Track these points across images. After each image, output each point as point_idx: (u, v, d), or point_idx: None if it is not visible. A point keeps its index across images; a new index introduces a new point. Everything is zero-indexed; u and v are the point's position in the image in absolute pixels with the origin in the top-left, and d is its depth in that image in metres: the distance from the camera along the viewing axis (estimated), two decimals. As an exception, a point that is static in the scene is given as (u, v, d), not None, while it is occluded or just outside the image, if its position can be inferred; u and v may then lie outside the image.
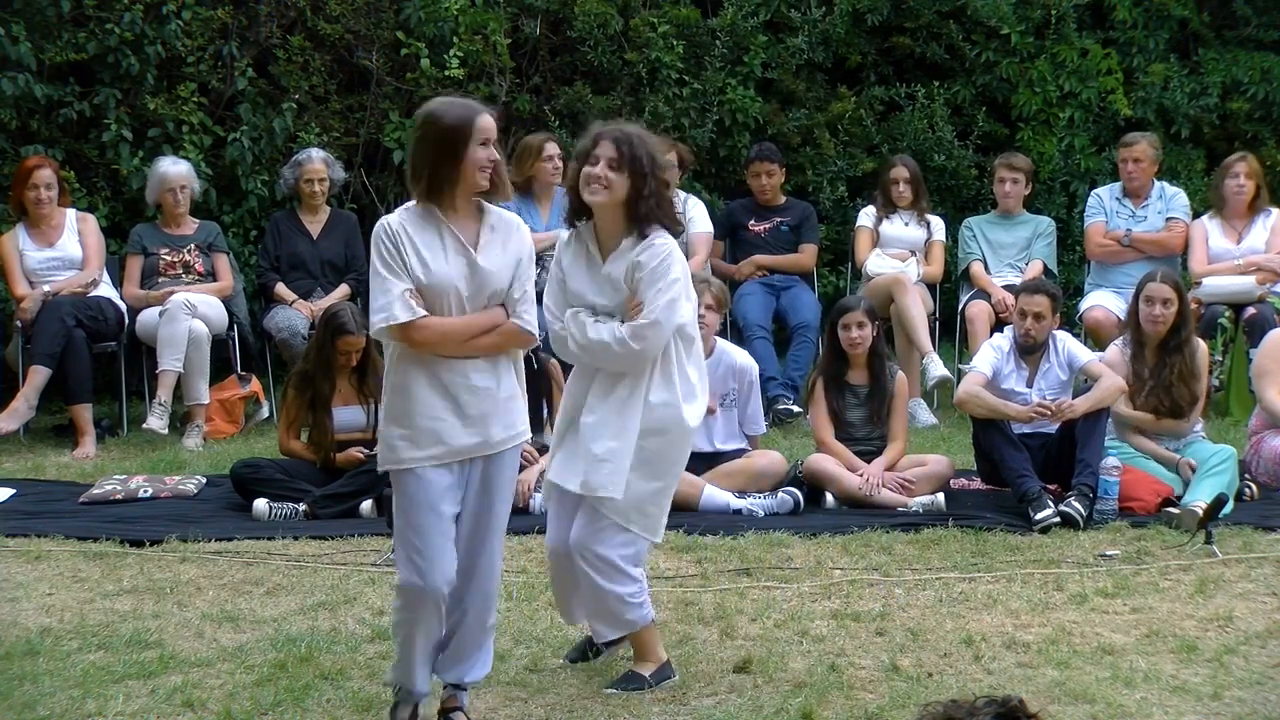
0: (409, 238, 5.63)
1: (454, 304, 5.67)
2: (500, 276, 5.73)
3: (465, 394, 5.68)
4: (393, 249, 5.62)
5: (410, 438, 5.66)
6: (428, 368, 5.66)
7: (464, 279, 5.67)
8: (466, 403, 5.68)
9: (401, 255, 5.62)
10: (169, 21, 12.51)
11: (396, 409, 5.70)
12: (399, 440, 5.67)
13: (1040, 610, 7.21)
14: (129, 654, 6.58)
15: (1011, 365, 9.39)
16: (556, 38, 14.22)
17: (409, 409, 5.67)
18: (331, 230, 11.93)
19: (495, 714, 5.98)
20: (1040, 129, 14.15)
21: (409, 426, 5.66)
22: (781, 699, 6.07)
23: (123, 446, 11.04)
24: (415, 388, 5.66)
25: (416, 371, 5.67)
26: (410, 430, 5.65)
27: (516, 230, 5.83)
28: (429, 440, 5.66)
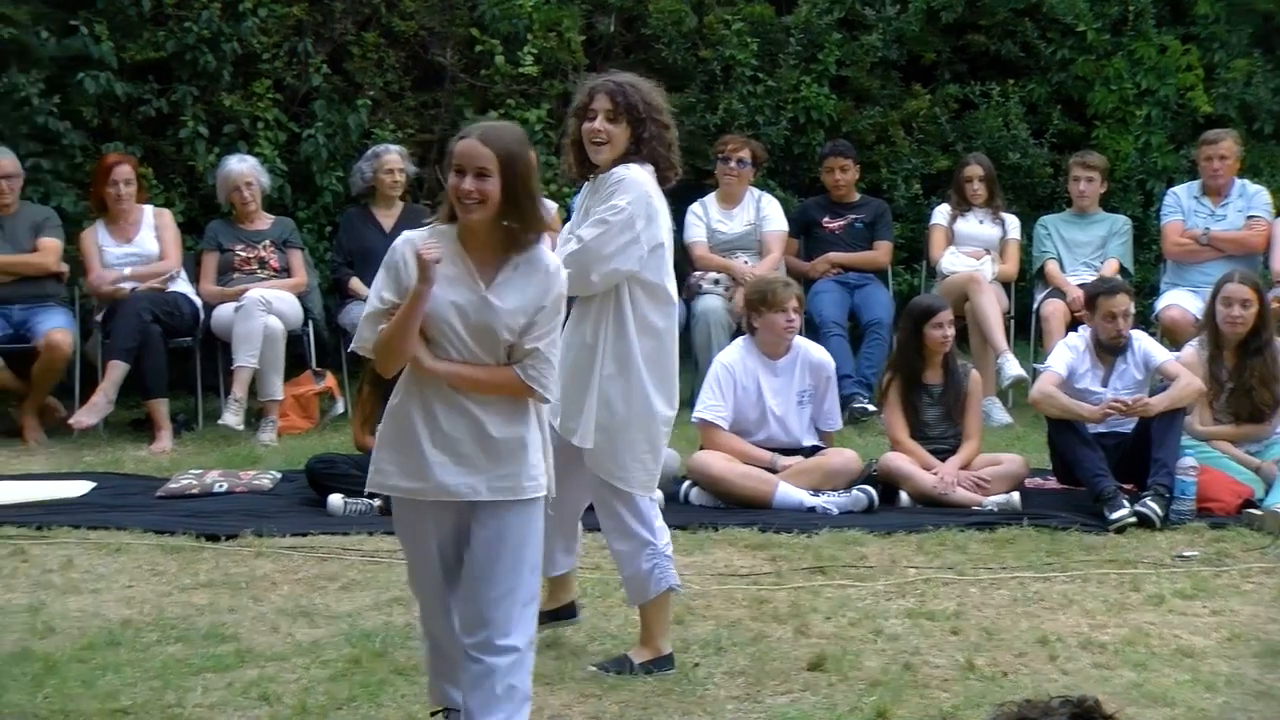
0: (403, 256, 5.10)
1: (452, 338, 5.08)
2: (508, 316, 5.07)
3: (463, 433, 5.12)
4: (393, 264, 5.11)
5: (398, 464, 5.16)
6: (425, 397, 5.13)
7: (466, 313, 5.07)
8: (459, 441, 5.11)
9: (398, 271, 5.08)
10: (245, 19, 12.60)
11: (388, 432, 5.20)
12: (386, 464, 5.18)
13: (1116, 611, 7.16)
14: (206, 647, 6.62)
15: (1087, 364, 9.33)
16: (630, 35, 14.24)
17: (400, 435, 5.16)
18: (405, 224, 11.83)
19: (569, 710, 5.97)
20: (1116, 127, 14.06)
21: (398, 452, 5.16)
22: (856, 697, 6.05)
23: (198, 441, 11.11)
24: (411, 414, 5.14)
25: (415, 398, 5.15)
26: (399, 456, 5.16)
27: (546, 275, 5.15)
28: (414, 472, 5.14)
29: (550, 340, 5.15)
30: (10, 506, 9.08)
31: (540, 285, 5.11)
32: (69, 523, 8.66)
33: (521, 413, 5.18)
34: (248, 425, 11.02)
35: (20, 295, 11.26)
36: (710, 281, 11.83)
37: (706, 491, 9.13)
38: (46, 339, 10.90)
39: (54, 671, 6.30)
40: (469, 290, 5.06)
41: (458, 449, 5.11)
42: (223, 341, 11.33)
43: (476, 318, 5.05)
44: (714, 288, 11.78)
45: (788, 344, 9.40)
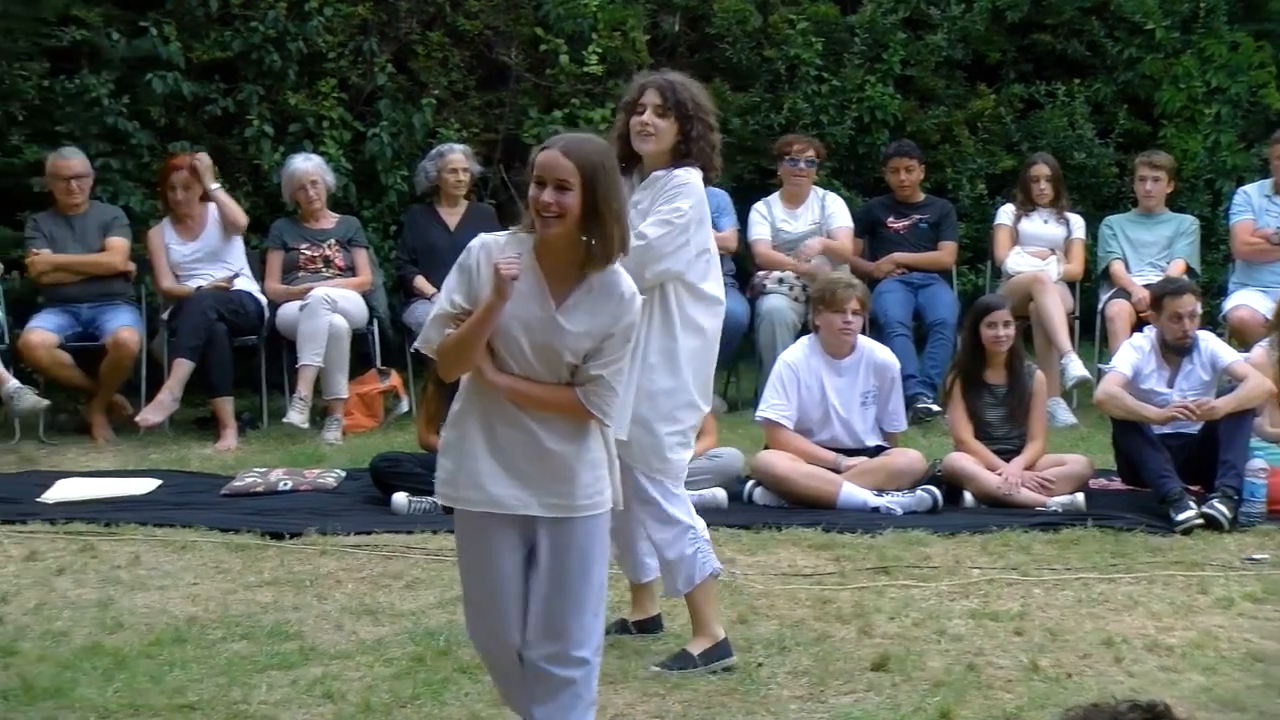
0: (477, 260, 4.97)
1: (515, 352, 4.94)
2: (574, 340, 4.95)
3: (518, 446, 5.00)
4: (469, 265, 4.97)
5: (453, 473, 5.06)
6: (485, 407, 5.01)
7: (533, 330, 4.93)
8: (514, 454, 4.99)
9: (471, 276, 4.95)
10: (311, 18, 12.66)
11: (450, 438, 5.11)
12: (447, 472, 5.09)
13: (1184, 613, 7.11)
14: (271, 645, 6.66)
15: (1153, 365, 9.27)
16: (695, 34, 14.24)
17: (459, 443, 5.05)
18: (470, 223, 11.93)
19: (632, 710, 5.98)
20: (1184, 126, 13.94)
21: (457, 460, 5.05)
22: (919, 698, 6.03)
23: (263, 439, 11.17)
24: (470, 423, 5.04)
25: (475, 407, 5.03)
26: (455, 466, 5.06)
27: (620, 302, 5.01)
28: (469, 483, 5.03)
29: (616, 369, 5.04)
30: (79, 503, 9.18)
31: (612, 312, 4.99)
32: (136, 520, 8.72)
33: (581, 430, 5.05)
34: (312, 424, 11.06)
35: (89, 294, 11.35)
36: (775, 281, 11.82)
37: (770, 491, 9.12)
38: (114, 337, 10.97)
39: (123, 666, 6.36)
40: (539, 308, 4.92)
41: (512, 462, 4.99)
42: (288, 340, 11.38)
43: (542, 337, 4.93)
44: (778, 287, 11.77)
45: (850, 344, 9.38)
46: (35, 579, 7.70)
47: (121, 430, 11.23)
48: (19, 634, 6.81)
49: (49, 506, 9.11)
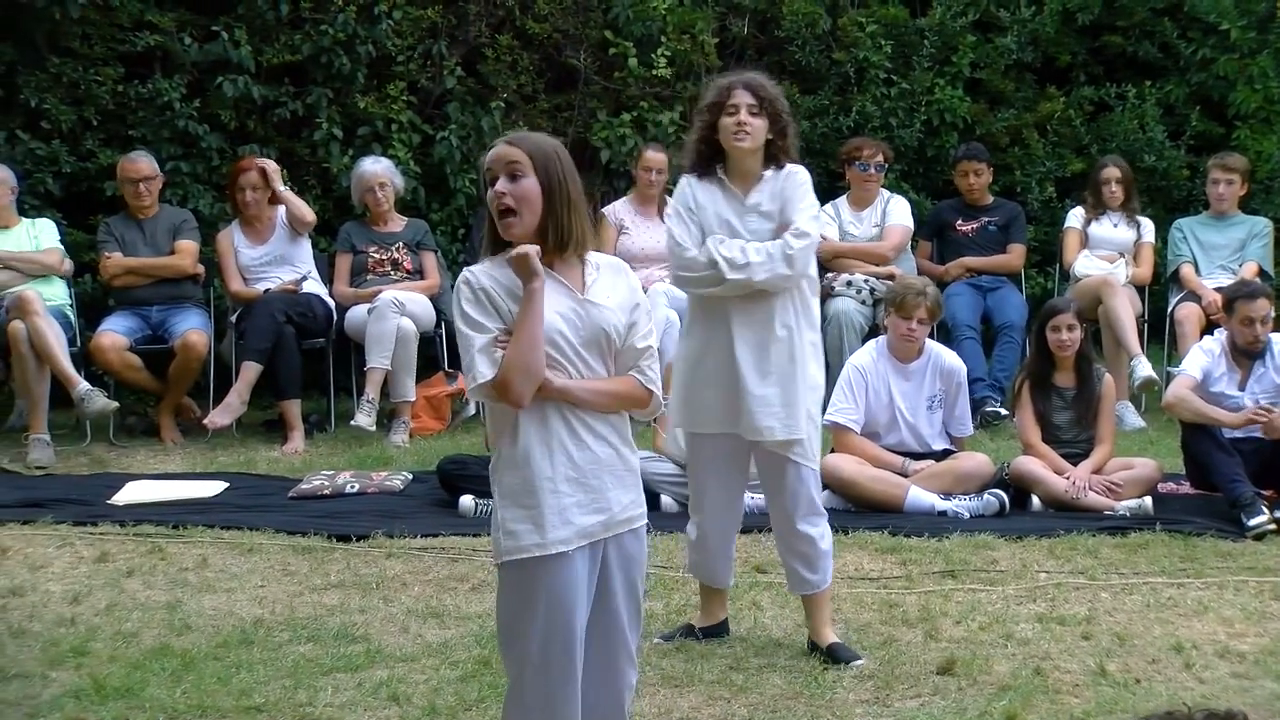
0: (497, 283, 4.68)
1: (566, 351, 4.69)
2: (614, 315, 4.77)
3: (600, 461, 4.74)
4: (473, 297, 4.69)
5: (533, 518, 4.65)
6: (546, 435, 4.67)
7: (574, 322, 4.70)
8: (593, 473, 4.72)
9: (491, 301, 4.67)
10: (380, 22, 12.70)
11: (511, 485, 4.69)
12: (520, 523, 4.66)
13: (1256, 619, 7.05)
14: (337, 647, 6.69)
15: (1223, 368, 9.20)
16: (764, 37, 14.23)
17: (532, 484, 4.65)
18: (537, 227, 11.94)
19: (698, 713, 5.98)
20: (1259, 127, 13.81)
21: (533, 505, 4.65)
22: (986, 702, 6.02)
23: (330, 442, 11.21)
24: (534, 459, 4.66)
25: (536, 440, 4.67)
26: (535, 510, 4.65)
27: (626, 272, 4.94)
28: (557, 522, 4.66)
29: (654, 336, 4.92)
30: (148, 505, 9.25)
31: (626, 283, 4.88)
32: (204, 522, 8.79)
33: (627, 430, 4.86)
34: (379, 426, 11.09)
35: (158, 296, 11.42)
36: (843, 284, 11.79)
37: (837, 494, 9.09)
38: (183, 340, 11.04)
39: (191, 668, 6.42)
40: (569, 298, 4.72)
41: (591, 482, 4.70)
42: (355, 343, 11.43)
43: (586, 327, 4.72)
44: (846, 290, 11.74)
45: (918, 348, 9.35)
46: (105, 580, 7.76)
47: (190, 433, 11.30)
48: (90, 634, 6.89)
49: (119, 509, 9.18)
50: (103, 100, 12.36)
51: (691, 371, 6.57)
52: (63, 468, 10.43)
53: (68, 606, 7.31)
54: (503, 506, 4.71)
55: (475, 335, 4.65)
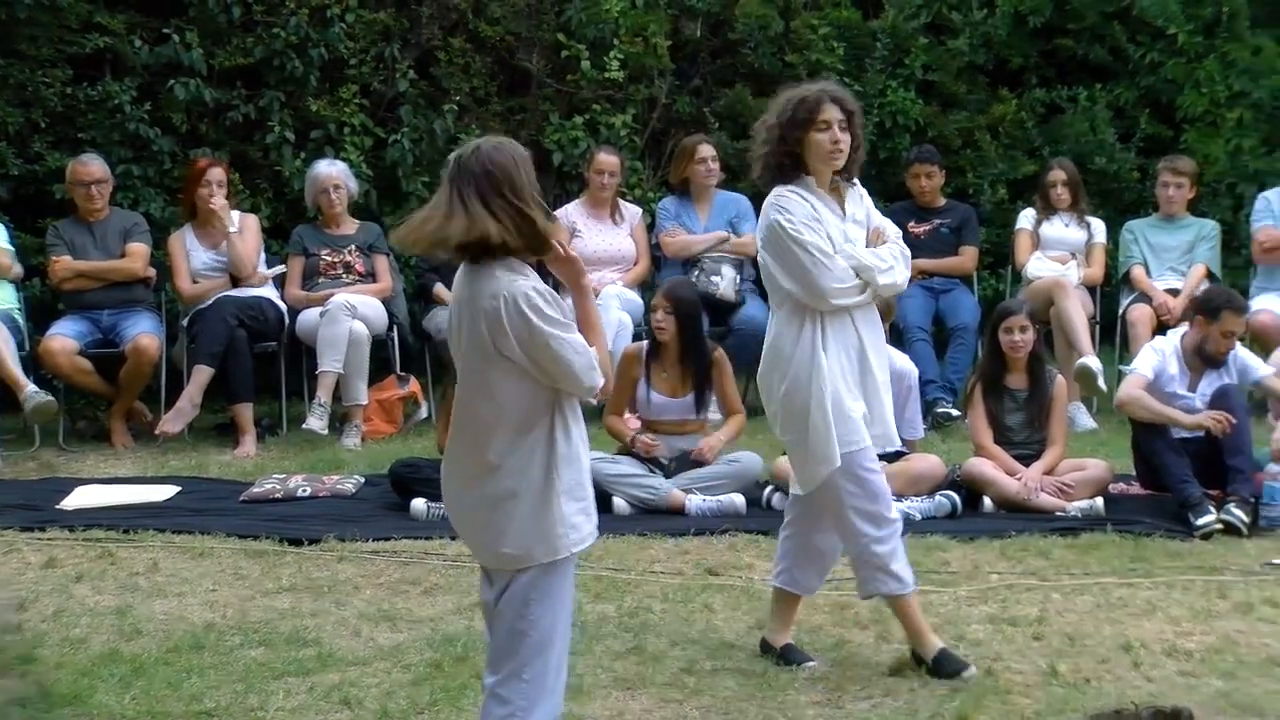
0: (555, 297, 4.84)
1: None
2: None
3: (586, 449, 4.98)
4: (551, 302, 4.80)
5: (586, 510, 4.92)
6: (580, 422, 4.93)
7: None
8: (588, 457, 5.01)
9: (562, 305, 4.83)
10: (332, 25, 12.68)
11: (571, 480, 4.86)
12: (578, 515, 4.88)
13: (1203, 618, 7.09)
14: (289, 651, 6.67)
15: (1175, 369, 9.24)
16: (717, 39, 14.24)
17: (582, 479, 4.91)
18: (490, 231, 11.90)
19: (650, 715, 5.98)
20: (1206, 130, 13.90)
21: (583, 498, 4.91)
22: (937, 703, 6.03)
23: (282, 446, 11.18)
24: (582, 452, 4.92)
25: (578, 435, 4.91)
26: (586, 502, 4.92)
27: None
28: (593, 509, 4.98)
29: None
30: (98, 510, 9.19)
31: None
32: (155, 526, 8.75)
33: None
34: (332, 430, 11.08)
35: (109, 300, 11.37)
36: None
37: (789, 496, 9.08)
38: (134, 343, 10.99)
39: (141, 673, 6.39)
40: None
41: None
42: (308, 346, 11.39)
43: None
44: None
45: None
46: (54, 586, 7.72)
47: (141, 437, 11.26)
48: (38, 641, 6.84)
49: (68, 513, 9.12)
50: (51, 102, 12.31)
51: (839, 387, 6.31)
52: (11, 473, 10.38)
53: (14, 613, 7.24)
54: (564, 503, 4.83)
55: (576, 337, 4.79)
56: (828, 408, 6.23)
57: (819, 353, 6.27)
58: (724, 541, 8.44)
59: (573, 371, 4.75)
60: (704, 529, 8.57)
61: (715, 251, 11.99)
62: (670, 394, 9.38)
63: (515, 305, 4.71)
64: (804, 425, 6.29)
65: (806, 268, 6.22)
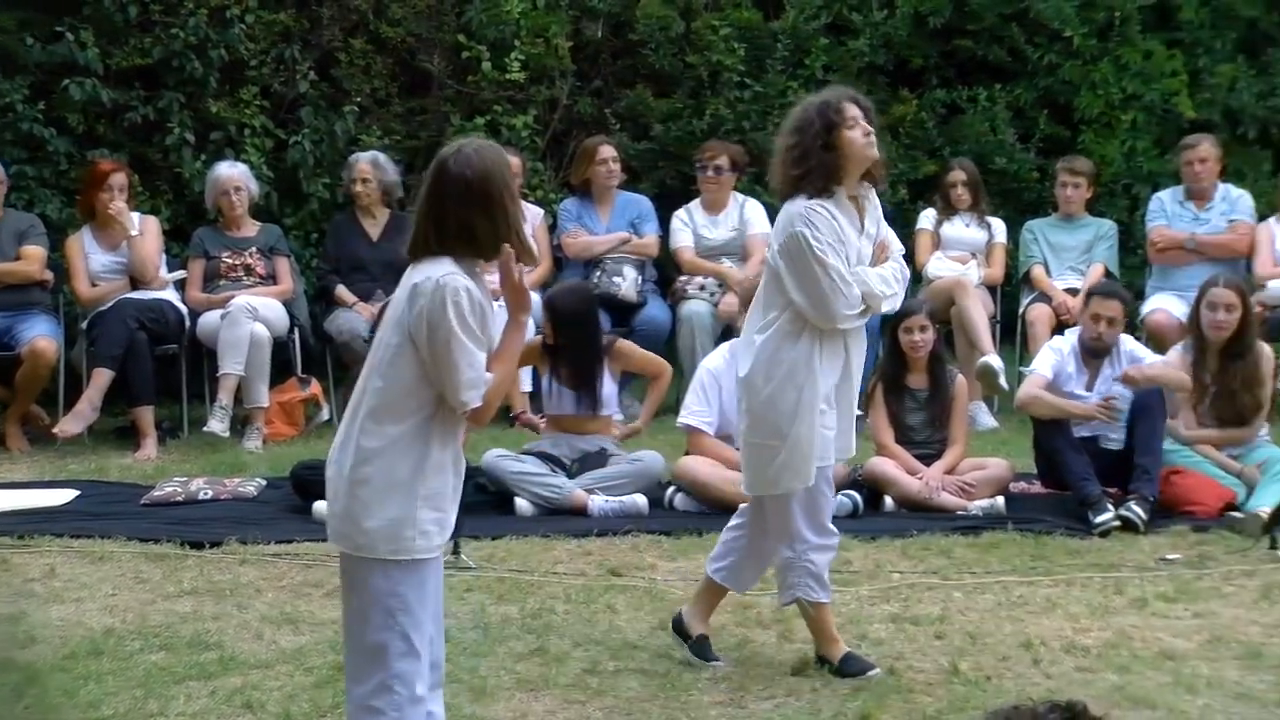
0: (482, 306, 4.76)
1: None
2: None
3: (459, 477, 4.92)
4: (474, 309, 4.71)
5: (442, 523, 4.82)
6: (455, 445, 4.86)
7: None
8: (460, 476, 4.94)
9: (483, 319, 4.75)
10: (232, 25, 12.61)
11: (431, 489, 4.78)
12: (432, 525, 4.79)
13: (1100, 614, 7.17)
14: (190, 655, 6.61)
15: (1073, 367, 9.33)
16: (618, 40, 14.25)
17: (445, 491, 4.83)
18: (391, 232, 11.86)
19: (553, 717, 5.97)
20: (1103, 132, 14.06)
21: (444, 510, 4.82)
22: (840, 702, 6.05)
23: (183, 449, 11.09)
24: (450, 466, 4.85)
25: (452, 444, 4.85)
26: (444, 514, 4.82)
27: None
28: (448, 526, 4.87)
29: None
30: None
31: None
32: (52, 531, 8.65)
33: None
34: (233, 432, 11.01)
35: (4, 303, 11.23)
36: (696, 287, 11.87)
37: (691, 497, 9.12)
38: (31, 346, 10.87)
39: (35, 681, 6.29)
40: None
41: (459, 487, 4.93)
42: (209, 348, 11.31)
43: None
44: (700, 293, 11.83)
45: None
46: (-54, 594, 7.62)
47: (38, 441, 11.15)
48: (-73, 651, 6.75)
49: (-37, 520, 8.99)
50: (-61, 101, 12.17)
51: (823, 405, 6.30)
52: (-95, 479, 10.25)
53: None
54: (422, 508, 4.75)
55: (479, 351, 4.71)
56: (816, 425, 6.24)
57: (815, 366, 6.26)
58: (627, 542, 8.44)
59: (455, 379, 4.68)
60: (607, 529, 8.57)
61: (617, 253, 12.01)
62: (570, 385, 9.39)
63: (441, 294, 4.67)
64: (782, 434, 6.25)
65: (824, 290, 6.17)
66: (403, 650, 4.76)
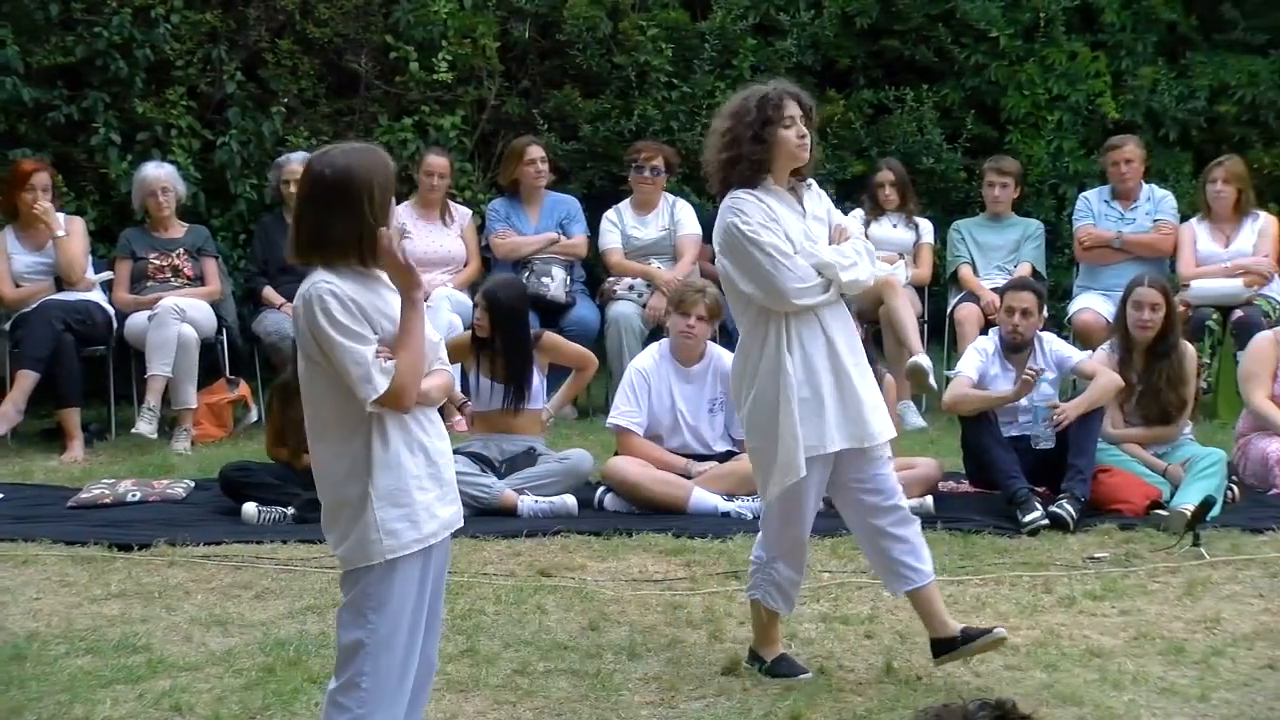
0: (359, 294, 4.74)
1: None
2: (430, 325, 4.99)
3: (440, 458, 4.90)
4: (344, 307, 4.68)
5: (410, 517, 4.77)
6: (409, 432, 4.82)
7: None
8: (442, 467, 4.90)
9: (362, 311, 4.71)
10: (158, 25, 12.54)
11: (390, 486, 4.75)
12: (398, 523, 4.75)
13: (1029, 613, 7.21)
14: (117, 658, 6.56)
15: (997, 367, 9.38)
16: (546, 41, 14.25)
17: (404, 484, 4.78)
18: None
19: (483, 718, 5.97)
20: (1029, 132, 14.16)
21: (407, 504, 4.77)
22: (770, 702, 6.07)
23: (111, 450, 11.03)
24: (405, 457, 4.79)
25: (401, 437, 4.80)
26: (410, 509, 4.78)
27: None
28: (428, 518, 4.82)
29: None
30: (-87, 519, 8.98)
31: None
32: (-25, 535, 8.56)
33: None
34: (161, 434, 10.95)
35: (-76, 305, 11.15)
36: (625, 288, 11.88)
37: (621, 497, 9.12)
38: (-48, 349, 10.80)
39: (-44, 687, 6.24)
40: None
41: (443, 475, 4.92)
42: (136, 350, 11.26)
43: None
44: (628, 294, 11.84)
45: (700, 351, 9.44)
46: None
47: (-39, 444, 11.06)
48: None
49: (-123, 525, 8.87)
50: None
51: (803, 393, 6.17)
52: None
53: None
54: (379, 508, 4.74)
55: (360, 347, 4.68)
56: (795, 417, 6.14)
57: (784, 358, 6.17)
58: (556, 542, 8.43)
59: (349, 380, 4.67)
60: (537, 530, 8.57)
61: (545, 253, 12.01)
62: (500, 379, 9.38)
63: (309, 306, 4.69)
64: (770, 434, 6.21)
65: (766, 269, 6.10)
66: (372, 650, 4.79)
